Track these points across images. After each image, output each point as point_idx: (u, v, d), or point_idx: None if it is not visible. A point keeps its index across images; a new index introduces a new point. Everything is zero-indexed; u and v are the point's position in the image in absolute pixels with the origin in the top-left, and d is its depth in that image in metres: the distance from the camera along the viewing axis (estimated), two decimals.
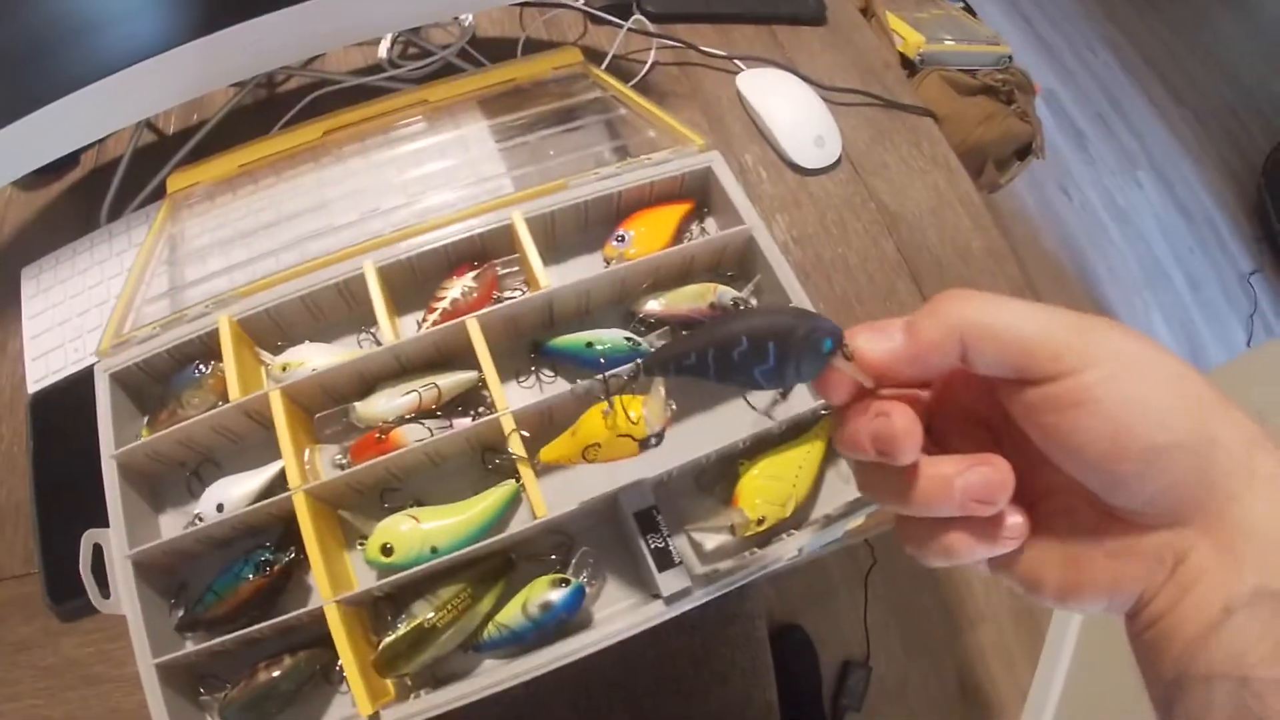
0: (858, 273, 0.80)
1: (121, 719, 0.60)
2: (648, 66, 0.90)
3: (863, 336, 0.30)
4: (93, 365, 0.60)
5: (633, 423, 0.46)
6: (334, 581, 0.52)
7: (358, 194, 0.71)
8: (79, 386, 0.61)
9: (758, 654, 1.00)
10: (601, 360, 0.59)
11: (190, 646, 0.52)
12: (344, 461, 0.57)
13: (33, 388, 0.69)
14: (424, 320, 0.62)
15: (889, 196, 0.86)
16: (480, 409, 0.59)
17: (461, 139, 0.75)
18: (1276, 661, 0.25)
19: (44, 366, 0.70)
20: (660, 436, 0.47)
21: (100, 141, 0.86)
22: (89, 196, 0.83)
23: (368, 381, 0.60)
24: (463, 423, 0.56)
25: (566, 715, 0.95)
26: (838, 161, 0.86)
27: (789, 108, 0.87)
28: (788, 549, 0.54)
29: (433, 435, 0.55)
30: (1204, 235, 2.22)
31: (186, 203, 0.74)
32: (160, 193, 0.74)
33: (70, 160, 0.86)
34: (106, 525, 0.55)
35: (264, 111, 0.86)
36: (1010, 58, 1.30)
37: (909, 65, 1.18)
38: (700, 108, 0.89)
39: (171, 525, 0.59)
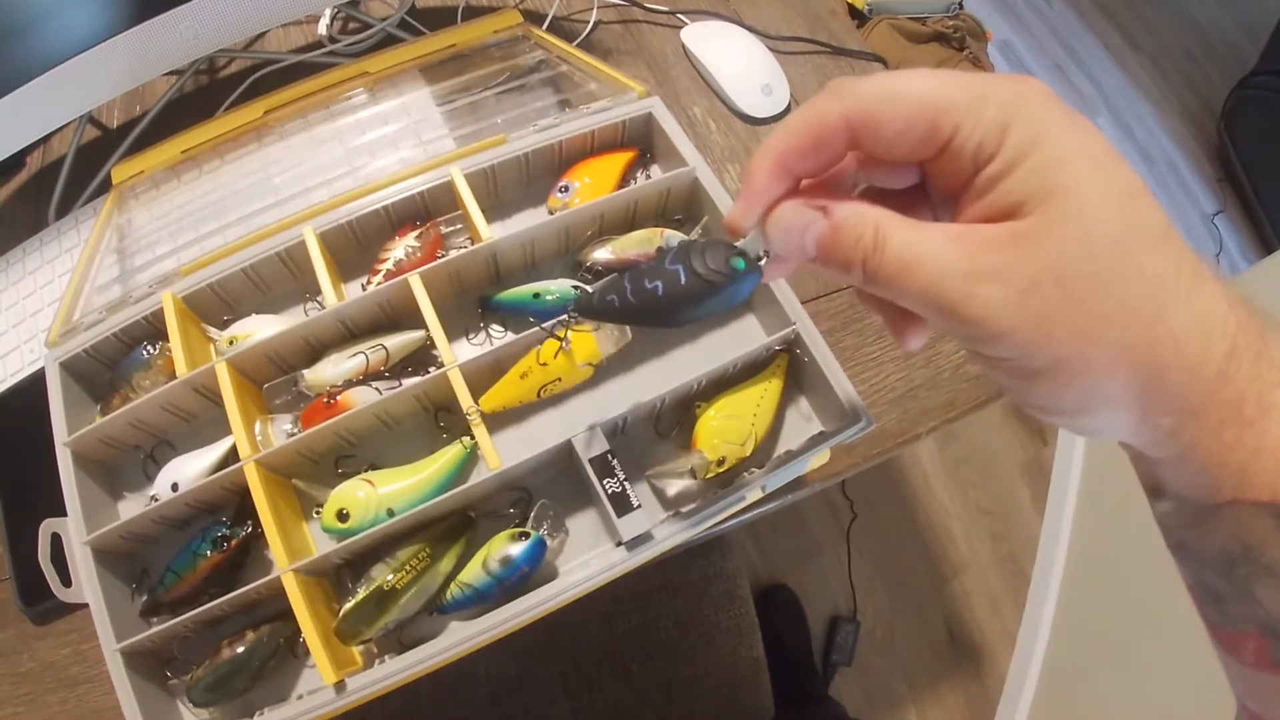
0: None
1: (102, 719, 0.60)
2: (590, 26, 0.89)
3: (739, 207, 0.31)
4: None
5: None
6: (291, 551, 0.51)
7: (301, 168, 0.70)
8: (37, 386, 0.59)
9: (742, 613, 1.01)
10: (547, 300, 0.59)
11: (153, 628, 0.51)
12: (296, 431, 0.56)
13: None
14: (368, 283, 0.61)
15: None
16: (430, 369, 0.58)
17: (404, 106, 0.74)
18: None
19: (1, 370, 0.68)
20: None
21: (44, 141, 0.85)
22: (36, 197, 0.82)
23: (315, 348, 0.59)
24: (412, 382, 0.55)
25: (555, 688, 0.96)
26: (787, 109, 0.85)
27: (735, 59, 0.86)
28: (751, 488, 0.53)
29: (382, 395, 0.54)
30: (1166, 178, 2.23)
31: (132, 192, 0.72)
32: (106, 186, 0.73)
33: (15, 163, 0.85)
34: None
35: (207, 97, 0.85)
36: (960, 4, 1.30)
37: (858, 15, 1.18)
38: (646, 64, 0.88)
39: (131, 512, 0.58)
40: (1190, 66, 2.43)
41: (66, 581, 0.55)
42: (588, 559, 0.54)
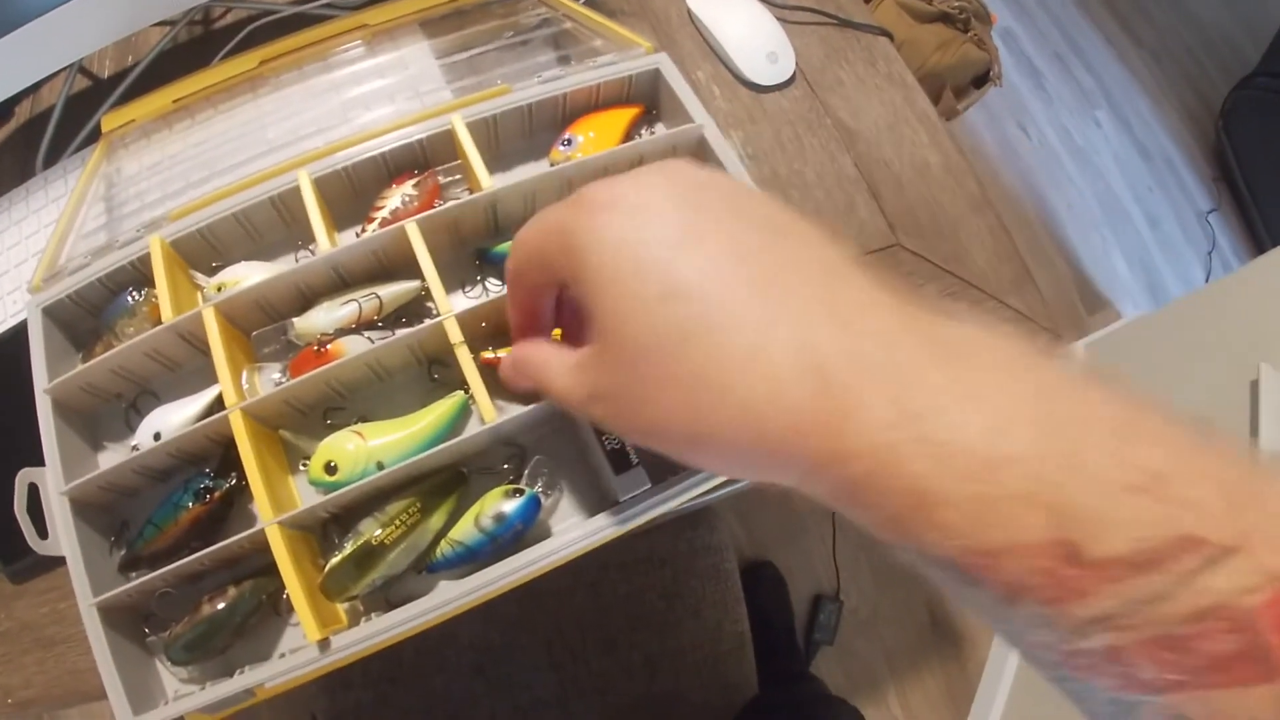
0: (815, 189, 0.78)
1: (80, 680, 0.59)
2: None
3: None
4: None
5: None
6: (276, 504, 0.49)
7: (296, 119, 0.68)
8: (20, 340, 0.57)
9: (728, 586, 1.00)
10: None
11: (131, 582, 0.50)
12: (284, 381, 0.55)
13: None
14: (362, 232, 0.59)
15: (845, 113, 0.84)
16: (425, 320, 0.56)
17: (402, 59, 0.72)
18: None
19: None
20: None
21: (32, 91, 0.83)
22: (25, 148, 0.79)
23: (306, 296, 0.57)
24: (406, 332, 0.54)
25: (540, 659, 0.95)
26: (792, 78, 0.84)
27: (741, 24, 0.84)
28: None
29: (374, 344, 0.52)
30: (1162, 174, 2.24)
31: (122, 142, 0.70)
32: (96, 136, 0.71)
33: (3, 113, 0.83)
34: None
35: (200, 48, 0.83)
36: None
37: None
38: (650, 26, 0.86)
39: (111, 463, 0.56)
40: (1191, 64, 2.44)
41: (44, 534, 0.53)
42: (583, 519, 0.53)
